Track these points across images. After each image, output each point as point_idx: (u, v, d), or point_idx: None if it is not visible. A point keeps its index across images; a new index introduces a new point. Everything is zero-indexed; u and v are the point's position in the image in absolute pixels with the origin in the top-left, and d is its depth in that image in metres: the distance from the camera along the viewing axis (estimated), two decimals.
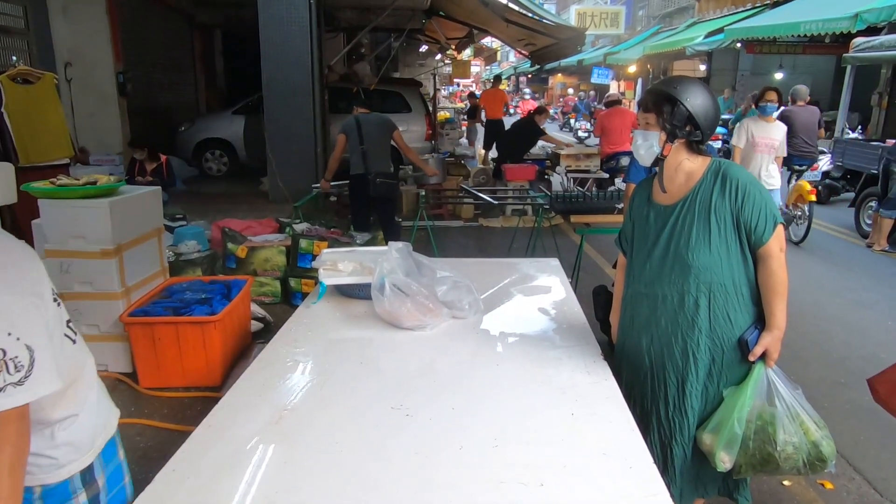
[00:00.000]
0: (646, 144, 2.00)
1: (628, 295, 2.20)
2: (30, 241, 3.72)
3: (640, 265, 2.12)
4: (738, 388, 1.99)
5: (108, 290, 3.45)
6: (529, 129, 9.26)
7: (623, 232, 2.27)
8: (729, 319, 1.98)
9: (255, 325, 4.22)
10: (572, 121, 15.37)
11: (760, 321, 2.00)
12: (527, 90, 17.23)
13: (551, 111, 25.55)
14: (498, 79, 14.98)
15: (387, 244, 2.57)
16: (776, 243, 1.93)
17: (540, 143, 10.29)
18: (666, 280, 2.02)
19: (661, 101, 1.97)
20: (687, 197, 2.00)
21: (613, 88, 22.72)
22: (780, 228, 1.94)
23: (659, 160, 2.02)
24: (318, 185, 5.88)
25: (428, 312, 2.38)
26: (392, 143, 5.37)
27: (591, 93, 25.65)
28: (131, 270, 3.57)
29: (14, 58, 7.41)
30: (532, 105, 16.20)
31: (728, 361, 2.01)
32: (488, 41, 22.18)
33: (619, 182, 8.23)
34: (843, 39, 10.16)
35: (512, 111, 23.77)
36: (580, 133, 18.64)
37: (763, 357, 1.98)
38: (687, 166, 2.01)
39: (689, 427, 2.05)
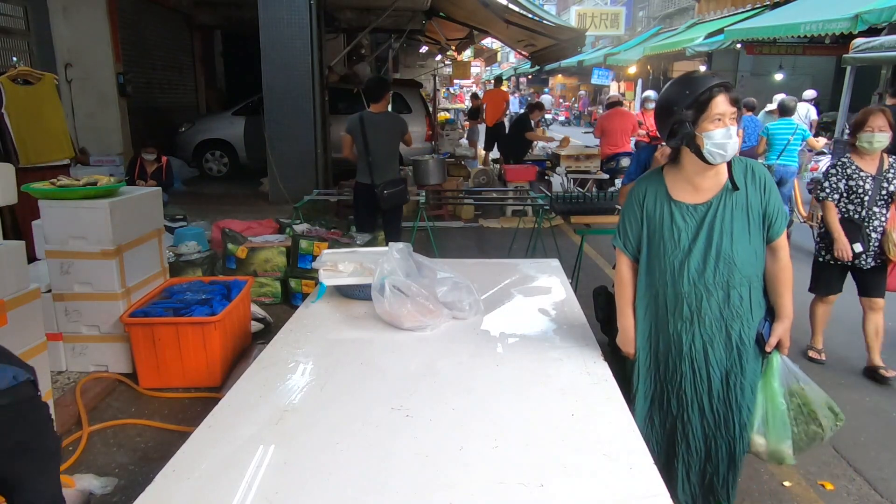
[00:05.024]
0: (735, 139, 1.93)
1: (653, 296, 2.14)
2: (30, 242, 3.74)
3: (674, 265, 2.06)
4: (766, 382, 2.07)
5: (109, 290, 3.45)
6: (523, 125, 9.29)
7: (625, 233, 2.19)
8: (759, 309, 2.07)
9: (256, 326, 4.22)
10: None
11: (769, 313, 2.09)
12: (651, 93, 13.17)
13: (551, 112, 25.53)
14: (499, 79, 15.04)
15: (387, 245, 2.57)
16: (784, 236, 2.04)
17: (541, 143, 10.31)
18: (710, 277, 2.02)
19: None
20: (721, 194, 2.01)
21: (614, 89, 22.73)
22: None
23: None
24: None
25: (428, 313, 2.38)
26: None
27: (582, 93, 25.44)
28: (131, 271, 3.57)
29: (14, 58, 7.42)
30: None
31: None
32: (488, 42, 22.17)
33: (619, 183, 8.23)
34: (843, 40, 10.15)
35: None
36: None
37: (777, 346, 2.06)
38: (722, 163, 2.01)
39: (734, 422, 2.08)
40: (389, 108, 5.18)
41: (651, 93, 10.15)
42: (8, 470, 1.63)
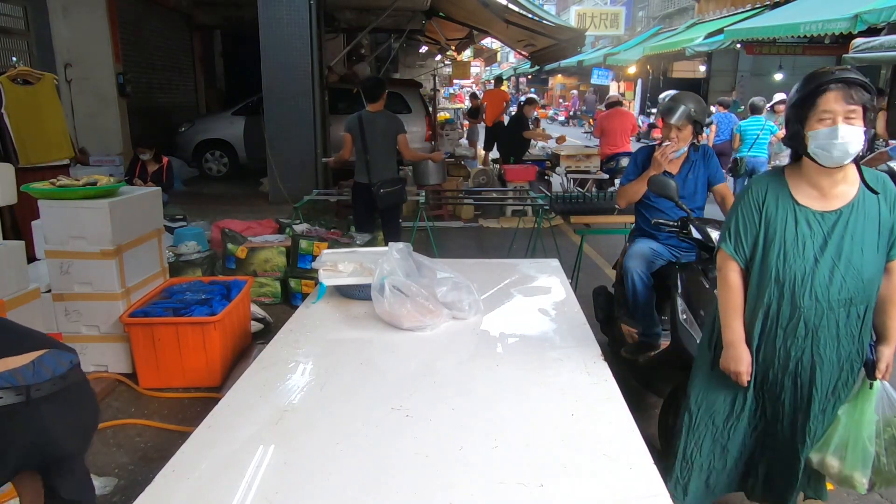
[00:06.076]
0: (857, 142, 1.73)
1: (763, 308, 1.95)
2: (30, 242, 3.74)
3: (795, 276, 1.88)
4: (856, 406, 1.95)
5: (108, 290, 3.45)
6: (519, 122, 9.30)
7: (738, 236, 1.98)
8: (869, 332, 1.95)
9: (256, 326, 4.22)
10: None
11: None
12: (670, 94, 10.74)
13: (550, 112, 25.50)
14: (499, 79, 15.06)
15: (387, 245, 2.57)
16: None
17: (540, 143, 10.30)
18: (836, 293, 1.86)
19: (867, 92, 1.74)
20: (853, 203, 1.85)
21: (613, 89, 22.72)
22: None
23: (858, 160, 1.81)
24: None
25: (428, 313, 2.38)
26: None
27: (574, 92, 25.35)
28: (131, 271, 3.57)
29: (14, 58, 7.42)
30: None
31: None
32: (488, 42, 22.18)
33: (618, 183, 8.22)
34: (843, 40, 10.15)
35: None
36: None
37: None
38: (849, 168, 1.84)
39: (816, 434, 2.00)
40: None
41: (670, 94, 10.14)
42: (71, 447, 1.64)
